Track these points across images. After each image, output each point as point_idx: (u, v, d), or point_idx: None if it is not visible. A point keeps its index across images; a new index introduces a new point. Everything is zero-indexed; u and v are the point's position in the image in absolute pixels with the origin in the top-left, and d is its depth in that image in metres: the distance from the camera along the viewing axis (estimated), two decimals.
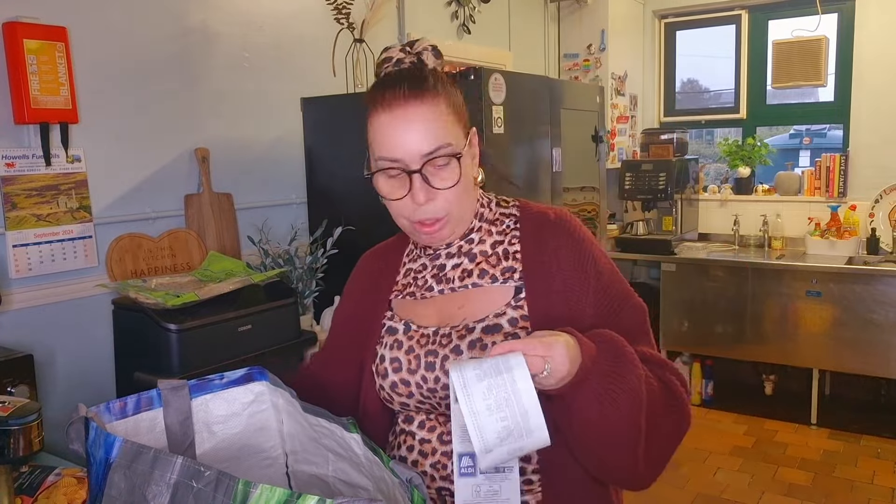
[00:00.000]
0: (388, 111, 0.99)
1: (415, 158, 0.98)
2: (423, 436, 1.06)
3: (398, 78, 1.01)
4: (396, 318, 1.12)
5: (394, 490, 0.82)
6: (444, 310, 1.08)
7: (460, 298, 1.07)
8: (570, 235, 1.07)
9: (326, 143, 2.55)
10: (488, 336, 1.01)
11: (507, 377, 0.81)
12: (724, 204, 4.57)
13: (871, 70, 4.05)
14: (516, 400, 0.80)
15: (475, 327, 1.03)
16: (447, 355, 1.03)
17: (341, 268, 2.48)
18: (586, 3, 4.29)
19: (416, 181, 0.98)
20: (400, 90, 0.99)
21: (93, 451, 0.74)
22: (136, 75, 2.16)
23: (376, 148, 1.01)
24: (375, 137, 1.01)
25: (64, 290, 1.99)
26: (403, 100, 0.99)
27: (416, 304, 1.11)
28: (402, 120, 0.99)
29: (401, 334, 1.09)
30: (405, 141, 0.98)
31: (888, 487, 3.16)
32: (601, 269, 1.05)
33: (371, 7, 2.89)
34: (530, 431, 0.81)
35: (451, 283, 1.09)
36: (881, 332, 3.57)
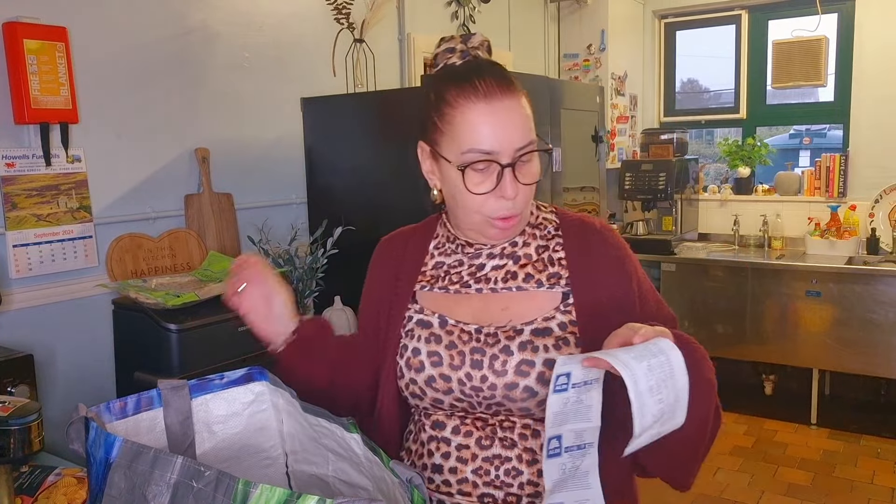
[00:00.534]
0: (487, 102, 0.96)
1: (509, 152, 0.96)
2: (459, 441, 1.03)
3: (487, 70, 0.99)
4: (428, 311, 1.08)
5: (394, 490, 0.82)
6: (483, 309, 1.06)
7: (503, 300, 1.05)
8: (615, 245, 1.10)
9: (326, 143, 2.55)
10: (538, 339, 1.01)
11: (664, 359, 0.81)
12: (724, 204, 4.57)
13: (871, 70, 4.05)
14: (673, 382, 0.80)
15: (523, 329, 1.02)
16: (496, 354, 1.01)
17: (341, 268, 2.48)
18: (586, 3, 4.29)
19: (507, 175, 0.97)
20: (494, 82, 0.97)
21: (93, 451, 0.74)
22: (136, 75, 2.16)
23: (466, 139, 0.97)
24: (466, 127, 0.97)
25: (64, 290, 1.99)
26: (500, 92, 0.96)
27: (447, 299, 1.09)
28: (503, 111, 0.96)
29: (437, 328, 1.06)
30: (503, 134, 0.96)
31: (888, 487, 3.16)
32: (640, 278, 1.09)
33: (371, 7, 2.89)
34: (674, 415, 0.81)
35: (492, 284, 1.06)
36: (881, 332, 3.57)
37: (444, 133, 0.99)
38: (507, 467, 1.01)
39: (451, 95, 0.98)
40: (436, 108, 1.00)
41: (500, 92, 0.97)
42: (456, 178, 0.99)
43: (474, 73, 0.98)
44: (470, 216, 1.02)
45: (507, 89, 0.97)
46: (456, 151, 0.98)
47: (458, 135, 0.98)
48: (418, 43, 3.28)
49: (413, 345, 1.07)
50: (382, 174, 2.42)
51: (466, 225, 1.05)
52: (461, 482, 1.02)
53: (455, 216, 1.07)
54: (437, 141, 1.01)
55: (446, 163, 1.01)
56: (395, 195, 2.38)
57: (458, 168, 0.97)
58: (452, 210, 1.07)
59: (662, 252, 4.13)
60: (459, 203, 1.02)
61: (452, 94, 0.98)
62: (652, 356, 0.81)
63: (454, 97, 0.98)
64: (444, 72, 1.03)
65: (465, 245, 1.09)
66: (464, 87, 0.97)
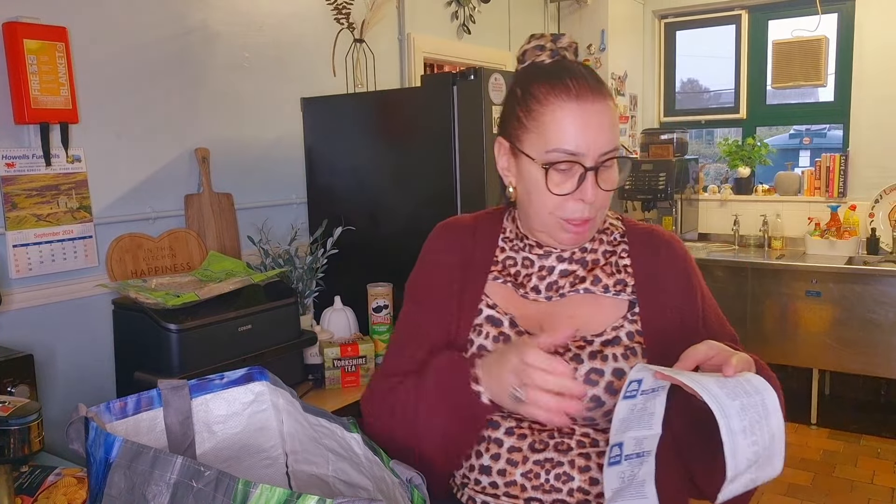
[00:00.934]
0: (578, 102, 0.95)
1: (594, 155, 0.95)
2: (511, 443, 1.01)
3: (579, 71, 0.98)
4: (500, 310, 1.06)
5: (394, 490, 0.82)
6: (550, 316, 1.04)
7: (570, 306, 1.05)
8: (683, 257, 1.10)
9: (326, 143, 2.55)
10: (608, 348, 1.01)
11: (758, 399, 0.78)
12: (724, 204, 4.57)
13: (871, 70, 4.05)
14: (767, 424, 0.77)
15: (594, 340, 1.02)
16: (567, 363, 0.98)
17: (341, 268, 2.49)
18: (586, 3, 4.29)
19: (590, 178, 0.95)
20: (586, 84, 0.96)
21: (93, 451, 0.74)
22: (136, 75, 2.16)
23: (552, 137, 0.95)
24: (553, 126, 0.95)
25: (64, 290, 1.99)
26: (592, 94, 0.95)
27: (516, 300, 1.07)
28: (593, 114, 0.95)
29: (507, 328, 1.04)
30: (592, 136, 0.95)
31: (888, 487, 3.16)
32: (704, 293, 1.09)
33: (371, 7, 2.89)
34: (770, 459, 0.77)
35: (562, 290, 1.05)
36: (881, 332, 3.57)
37: (529, 130, 0.98)
38: (559, 472, 0.99)
39: (542, 93, 0.97)
40: (522, 104, 0.99)
41: (592, 94, 0.96)
42: (536, 177, 0.98)
43: (567, 72, 0.97)
44: (544, 217, 1.01)
45: (598, 92, 0.96)
46: (540, 149, 0.97)
47: (544, 132, 0.96)
48: (418, 43, 3.28)
49: (480, 342, 1.04)
50: (382, 174, 2.42)
51: (538, 226, 1.03)
52: (509, 485, 1.00)
53: (527, 216, 1.05)
54: (519, 137, 1.00)
55: (527, 160, 0.99)
56: (394, 195, 2.39)
57: (542, 166, 0.96)
58: (525, 209, 1.04)
59: None
60: (535, 202, 1.00)
61: (542, 92, 0.97)
62: (746, 395, 0.77)
63: (544, 95, 0.96)
64: (534, 69, 1.01)
65: (534, 245, 1.07)
66: (555, 86, 0.96)
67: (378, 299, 2.27)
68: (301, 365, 2.15)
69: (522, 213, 1.07)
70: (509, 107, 1.03)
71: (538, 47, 1.03)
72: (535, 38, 1.04)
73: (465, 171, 2.21)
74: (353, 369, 2.14)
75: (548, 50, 1.02)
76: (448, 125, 2.20)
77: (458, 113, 2.18)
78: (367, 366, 2.16)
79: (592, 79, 0.98)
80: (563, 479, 0.98)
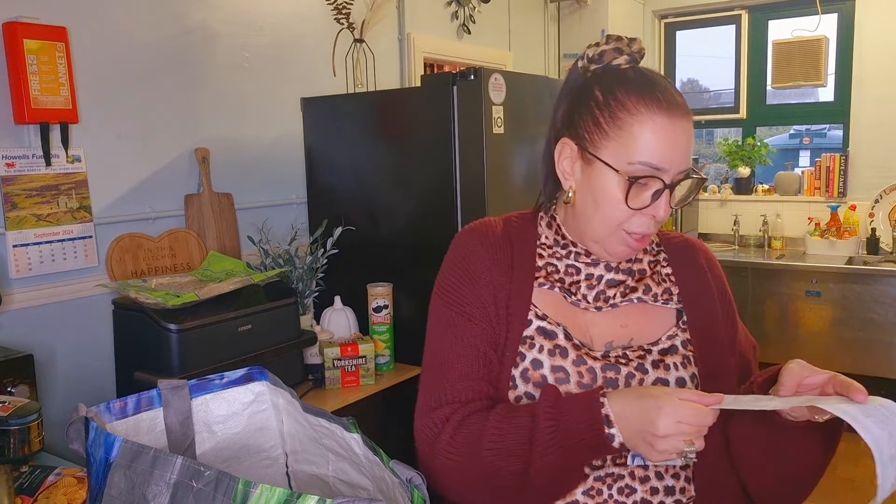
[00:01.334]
0: (670, 117, 0.91)
1: (673, 173, 0.93)
2: None
3: (666, 85, 0.94)
4: (551, 320, 1.00)
5: (394, 490, 0.82)
6: (604, 326, 1.02)
7: (622, 316, 1.02)
8: (716, 264, 1.12)
9: (326, 143, 2.55)
10: (667, 357, 1.00)
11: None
12: (724, 204, 4.57)
13: (871, 70, 4.05)
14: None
15: (651, 349, 1.00)
16: (632, 373, 0.97)
17: (341, 268, 2.49)
18: (586, 3, 4.29)
19: (665, 195, 0.93)
20: (674, 99, 0.93)
21: (93, 451, 0.74)
22: (136, 75, 2.16)
23: (639, 149, 0.91)
24: (642, 137, 0.91)
25: (64, 290, 1.99)
26: (679, 111, 0.93)
27: (565, 308, 1.02)
28: (681, 131, 0.93)
29: (562, 339, 0.98)
30: (677, 152, 0.92)
31: None
32: (731, 297, 1.12)
33: (371, 7, 2.89)
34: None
35: (613, 300, 1.02)
36: (881, 332, 3.57)
37: (611, 137, 0.93)
38: (621, 485, 0.96)
39: (631, 101, 0.92)
40: (605, 109, 0.94)
41: (679, 111, 0.93)
42: (609, 187, 0.93)
43: (656, 85, 0.94)
44: (605, 227, 0.96)
45: (685, 109, 0.94)
46: (622, 159, 0.92)
47: (629, 143, 0.92)
48: (418, 43, 3.28)
49: (533, 355, 0.98)
50: (382, 174, 2.42)
51: (595, 235, 0.98)
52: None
53: (587, 223, 0.98)
54: (595, 142, 0.94)
55: (604, 168, 0.93)
56: (394, 195, 2.38)
57: (628, 179, 0.91)
58: (587, 216, 0.98)
59: None
60: (603, 212, 0.95)
61: (632, 101, 0.92)
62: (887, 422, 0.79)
63: (633, 104, 0.92)
64: (617, 74, 0.96)
65: (582, 253, 1.02)
66: (646, 97, 0.92)
67: (378, 299, 2.27)
68: (301, 365, 2.15)
69: (579, 219, 1.00)
70: (583, 108, 0.96)
71: (617, 49, 0.97)
72: (612, 39, 0.98)
73: (465, 171, 2.21)
74: (353, 369, 2.14)
75: (625, 54, 0.97)
76: (448, 125, 2.20)
77: (458, 113, 2.18)
78: (367, 366, 2.16)
79: (678, 94, 0.95)
80: (626, 492, 0.96)
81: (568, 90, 1.01)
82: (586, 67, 0.99)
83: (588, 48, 0.99)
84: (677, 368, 0.99)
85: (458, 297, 1.02)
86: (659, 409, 0.83)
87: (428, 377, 1.02)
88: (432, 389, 1.00)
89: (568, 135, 0.98)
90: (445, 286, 1.04)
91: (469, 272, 1.02)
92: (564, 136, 0.99)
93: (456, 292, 1.02)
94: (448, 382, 0.99)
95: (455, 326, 1.01)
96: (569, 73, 1.03)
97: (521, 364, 0.98)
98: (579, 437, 0.87)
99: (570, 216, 1.02)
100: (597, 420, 0.87)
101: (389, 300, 2.27)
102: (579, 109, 0.97)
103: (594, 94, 0.96)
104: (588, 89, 0.97)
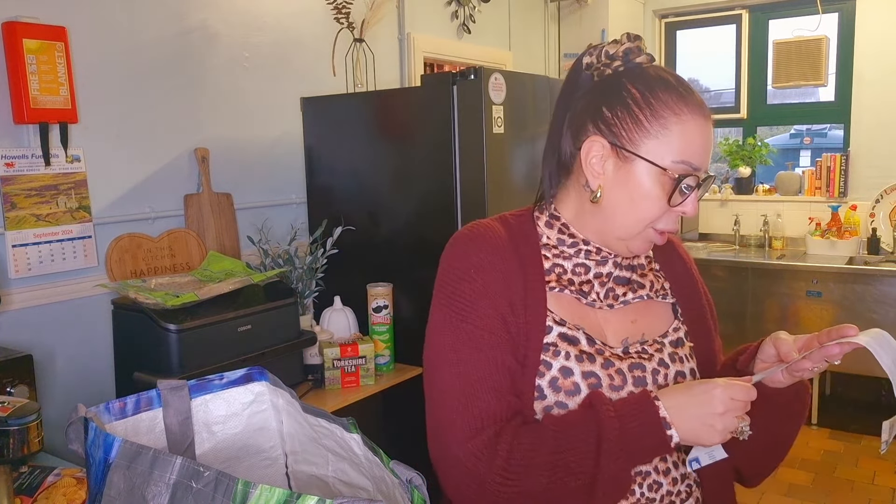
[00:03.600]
0: (704, 118, 0.94)
1: (703, 173, 0.95)
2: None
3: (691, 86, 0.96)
4: (570, 325, 0.98)
5: (394, 490, 0.82)
6: (617, 323, 1.02)
7: (631, 312, 1.03)
8: (690, 255, 1.16)
9: (326, 142, 2.55)
10: (678, 350, 1.03)
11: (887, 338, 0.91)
12: (725, 204, 4.56)
13: (872, 70, 4.05)
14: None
15: (664, 342, 1.03)
16: (656, 368, 0.99)
17: (341, 268, 2.49)
18: (586, 3, 4.29)
19: (696, 193, 0.95)
20: (703, 101, 0.95)
21: (92, 452, 0.74)
22: (136, 75, 2.16)
23: (683, 148, 0.92)
24: (686, 137, 0.92)
25: (64, 290, 1.99)
26: (709, 113, 0.96)
27: (580, 310, 1.01)
28: (710, 133, 0.96)
29: (585, 345, 0.97)
30: (707, 154, 0.95)
31: (889, 488, 3.15)
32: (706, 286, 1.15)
33: (371, 7, 2.89)
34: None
35: (624, 297, 1.03)
36: None
37: (652, 135, 0.93)
38: (650, 482, 0.97)
39: (672, 100, 0.93)
40: (646, 107, 0.93)
41: (708, 113, 0.96)
42: (647, 182, 0.93)
43: (689, 86, 0.96)
44: (638, 224, 0.96)
45: (710, 112, 0.97)
46: (665, 157, 0.92)
47: (673, 141, 0.92)
48: (418, 42, 3.28)
49: (560, 363, 0.95)
50: (382, 174, 2.41)
51: (620, 233, 0.97)
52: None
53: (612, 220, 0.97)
54: (635, 140, 0.93)
55: (644, 165, 0.93)
56: (394, 195, 2.38)
57: (677, 176, 0.92)
58: (612, 213, 0.97)
59: None
60: (636, 209, 0.95)
61: (674, 100, 0.93)
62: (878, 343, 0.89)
63: (675, 103, 0.93)
64: (650, 73, 0.96)
65: (592, 251, 1.01)
66: (685, 97, 0.93)
67: (378, 299, 2.26)
68: (301, 365, 2.15)
69: (605, 217, 0.98)
70: (619, 105, 0.94)
71: (638, 49, 0.97)
72: (630, 38, 0.98)
73: (465, 171, 2.20)
74: (352, 369, 2.14)
75: (644, 53, 0.98)
76: (448, 125, 2.20)
77: (458, 113, 2.18)
78: (366, 366, 2.16)
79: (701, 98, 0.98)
80: (654, 487, 0.98)
81: (582, 88, 1.00)
82: (605, 65, 0.98)
83: (604, 46, 0.98)
84: (690, 360, 1.03)
85: (474, 311, 0.96)
86: (712, 391, 0.88)
87: (455, 398, 0.93)
88: (464, 413, 0.92)
89: (601, 133, 0.96)
90: (458, 299, 0.97)
91: (483, 282, 0.96)
92: (592, 134, 0.96)
93: (473, 305, 0.96)
94: (481, 402, 0.92)
95: (475, 341, 0.95)
96: (574, 73, 1.01)
97: (547, 373, 0.95)
98: (642, 441, 0.89)
99: (587, 214, 1.00)
100: (656, 422, 0.88)
101: (389, 300, 2.27)
102: (611, 106, 0.95)
103: (630, 91, 0.94)
104: (620, 86, 0.95)
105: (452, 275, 0.99)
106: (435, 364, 0.97)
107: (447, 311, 0.98)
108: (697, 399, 0.88)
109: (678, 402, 0.89)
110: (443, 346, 0.97)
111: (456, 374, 0.94)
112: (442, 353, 0.96)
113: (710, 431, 0.87)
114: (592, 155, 0.96)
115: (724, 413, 0.87)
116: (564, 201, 1.04)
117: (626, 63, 0.97)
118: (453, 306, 0.97)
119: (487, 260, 0.98)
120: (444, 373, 0.95)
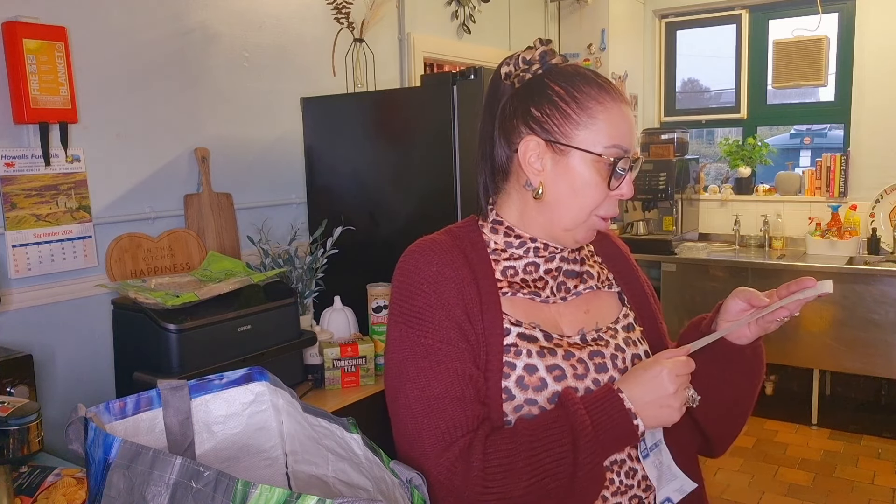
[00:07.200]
0: (625, 103, 1.00)
1: (632, 153, 1.01)
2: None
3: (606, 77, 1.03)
4: (526, 325, 0.99)
5: (394, 490, 0.82)
6: (571, 314, 1.05)
7: (582, 303, 1.07)
8: (624, 244, 1.21)
9: (326, 142, 2.55)
10: (631, 334, 1.07)
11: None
12: (725, 204, 4.56)
13: (872, 70, 4.05)
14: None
15: (616, 328, 1.06)
16: (614, 353, 1.02)
17: (341, 268, 2.48)
18: (586, 3, 4.29)
19: (629, 175, 1.00)
20: (620, 89, 1.02)
21: (92, 452, 0.74)
22: (136, 75, 2.16)
23: (613, 133, 0.97)
24: (611, 122, 0.97)
25: (63, 290, 1.99)
26: (626, 98, 1.01)
27: (534, 307, 1.03)
28: (632, 116, 1.02)
29: (543, 340, 0.99)
30: (632, 136, 1.01)
31: (889, 488, 3.15)
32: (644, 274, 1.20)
33: (371, 7, 2.89)
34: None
35: (576, 290, 1.06)
36: (881, 332, 3.57)
37: (582, 126, 0.97)
38: (626, 469, 1.01)
39: (595, 91, 0.98)
40: (572, 101, 0.98)
41: (627, 100, 1.01)
42: (585, 171, 0.98)
43: (604, 77, 1.02)
44: (582, 213, 1.00)
45: (628, 99, 1.03)
46: (597, 145, 0.97)
47: (601, 129, 0.97)
48: (418, 42, 3.28)
49: (524, 361, 0.96)
50: (382, 174, 2.41)
51: (566, 224, 1.01)
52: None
53: (559, 214, 1.00)
54: (567, 133, 0.97)
55: (581, 155, 0.97)
56: (394, 195, 2.38)
57: (612, 159, 0.97)
58: (556, 206, 1.00)
59: (663, 252, 4.13)
60: (579, 198, 0.99)
61: (595, 91, 0.98)
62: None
63: (598, 93, 0.98)
64: (567, 70, 1.01)
65: (540, 248, 1.04)
66: (605, 88, 0.99)
67: (378, 299, 2.26)
68: (301, 365, 2.15)
69: (550, 211, 1.01)
70: (547, 103, 0.99)
71: (551, 52, 1.04)
72: (541, 42, 1.04)
73: (465, 171, 2.20)
74: (352, 369, 2.14)
75: (558, 55, 1.04)
76: (448, 125, 2.20)
77: (458, 113, 2.18)
78: (366, 366, 2.16)
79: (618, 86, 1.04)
80: (630, 474, 1.01)
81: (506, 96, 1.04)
82: (524, 70, 1.03)
83: (519, 54, 1.04)
84: (641, 343, 1.08)
85: (430, 325, 0.96)
86: (660, 373, 0.93)
87: (420, 414, 0.92)
88: (432, 428, 0.92)
89: (534, 132, 1.00)
90: (415, 312, 0.97)
91: (437, 294, 0.97)
92: (526, 134, 1.00)
93: (429, 318, 0.96)
94: (447, 415, 0.92)
95: (434, 354, 0.94)
96: (494, 84, 1.06)
97: (512, 374, 0.96)
98: (613, 433, 0.92)
99: (532, 212, 1.03)
100: (624, 414, 0.92)
101: (389, 300, 2.27)
102: (539, 105, 1.00)
103: (554, 88, 0.99)
104: (544, 86, 1.00)
105: (406, 290, 0.99)
106: (396, 382, 0.96)
107: (404, 326, 0.98)
108: (649, 385, 0.93)
109: (635, 391, 0.93)
110: (403, 363, 0.96)
111: (419, 389, 0.93)
112: (402, 369, 0.96)
113: (670, 411, 0.93)
114: (530, 153, 1.00)
115: (676, 391, 0.93)
116: (506, 205, 1.07)
117: (543, 65, 1.03)
118: (410, 322, 0.97)
119: (440, 272, 0.98)
120: (406, 389, 0.94)
